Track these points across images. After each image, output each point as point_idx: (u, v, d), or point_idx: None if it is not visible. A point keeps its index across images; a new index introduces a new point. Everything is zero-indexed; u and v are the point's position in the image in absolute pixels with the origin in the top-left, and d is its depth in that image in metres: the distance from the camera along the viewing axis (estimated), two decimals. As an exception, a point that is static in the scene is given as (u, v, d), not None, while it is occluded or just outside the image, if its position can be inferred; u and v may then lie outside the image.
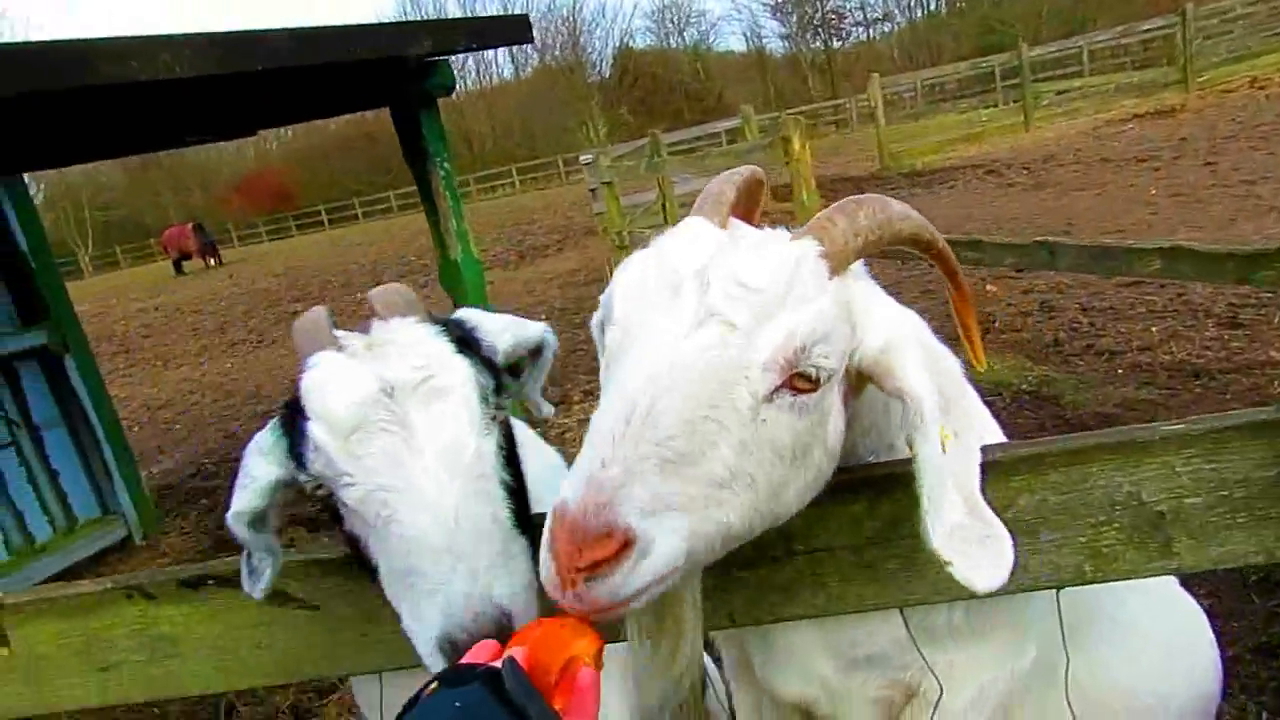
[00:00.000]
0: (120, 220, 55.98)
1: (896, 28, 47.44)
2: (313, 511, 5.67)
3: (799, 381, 0.87)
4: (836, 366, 0.90)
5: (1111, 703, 1.36)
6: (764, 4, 52.87)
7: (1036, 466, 1.02)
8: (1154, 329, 5.63)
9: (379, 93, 3.58)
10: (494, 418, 1.04)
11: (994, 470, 1.03)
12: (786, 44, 51.23)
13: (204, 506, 6.36)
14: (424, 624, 0.92)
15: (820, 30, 48.93)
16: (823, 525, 1.06)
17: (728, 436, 0.84)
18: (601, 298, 0.98)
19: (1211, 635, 1.60)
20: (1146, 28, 19.70)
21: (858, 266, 1.00)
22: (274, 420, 1.12)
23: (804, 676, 1.21)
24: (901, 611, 1.13)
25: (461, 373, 1.04)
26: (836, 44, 49.51)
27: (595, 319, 0.98)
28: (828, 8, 48.72)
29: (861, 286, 0.98)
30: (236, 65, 2.30)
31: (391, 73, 3.44)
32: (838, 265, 0.94)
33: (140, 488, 5.76)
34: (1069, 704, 1.16)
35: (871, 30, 49.50)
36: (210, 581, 1.16)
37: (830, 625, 1.16)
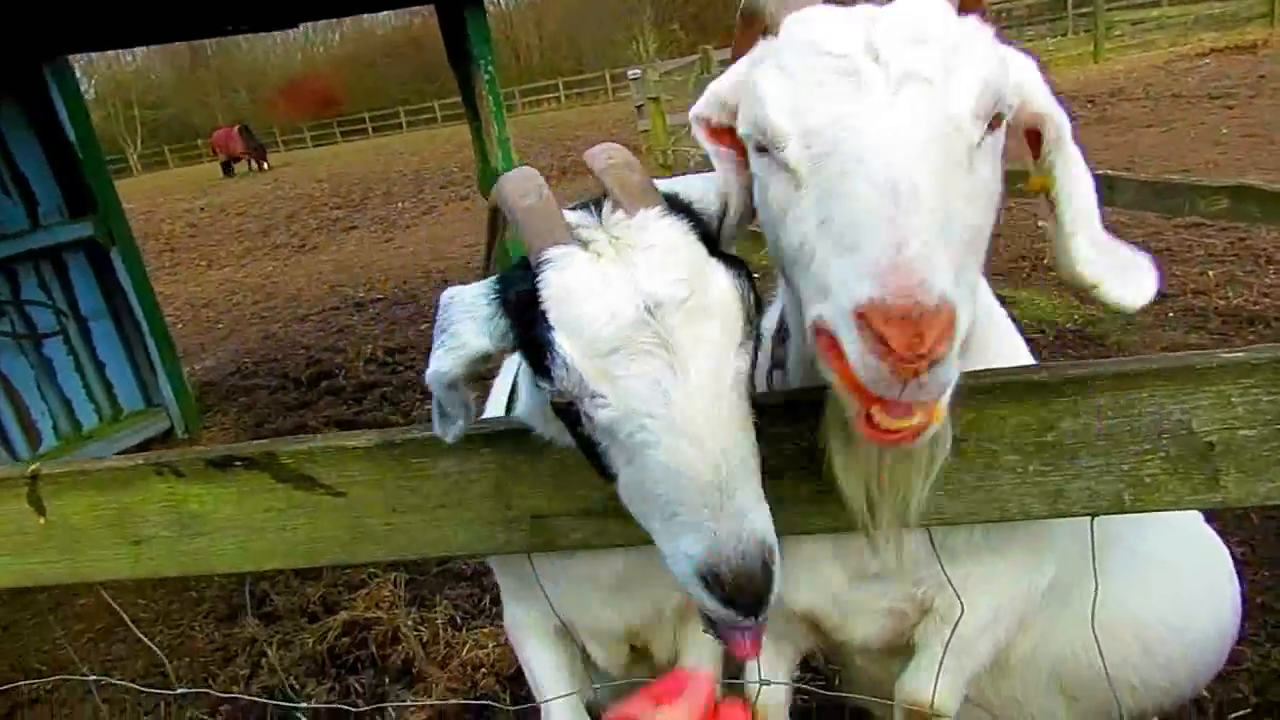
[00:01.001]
0: (168, 120, 56.20)
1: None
2: (350, 414, 5.78)
3: (993, 125, 0.88)
4: (1015, 102, 0.92)
5: (1121, 631, 1.34)
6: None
7: (1083, 389, 0.98)
8: (1211, 273, 5.44)
9: (424, -11, 3.48)
10: (750, 334, 0.94)
11: (1038, 391, 0.99)
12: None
13: (243, 404, 6.50)
14: (684, 552, 0.87)
15: (884, -53, 46.80)
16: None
17: (959, 191, 0.82)
18: (750, 123, 0.93)
19: (1234, 575, 1.56)
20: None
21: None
22: (487, 286, 1.01)
23: (815, 588, 1.20)
24: (929, 530, 1.11)
25: (726, 288, 0.93)
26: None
27: (694, 114, 1.05)
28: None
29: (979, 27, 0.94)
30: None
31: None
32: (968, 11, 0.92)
33: (183, 382, 5.89)
34: (1094, 632, 1.14)
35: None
36: (237, 463, 1.17)
37: (845, 539, 1.15)
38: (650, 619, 1.43)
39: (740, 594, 0.85)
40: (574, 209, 1.02)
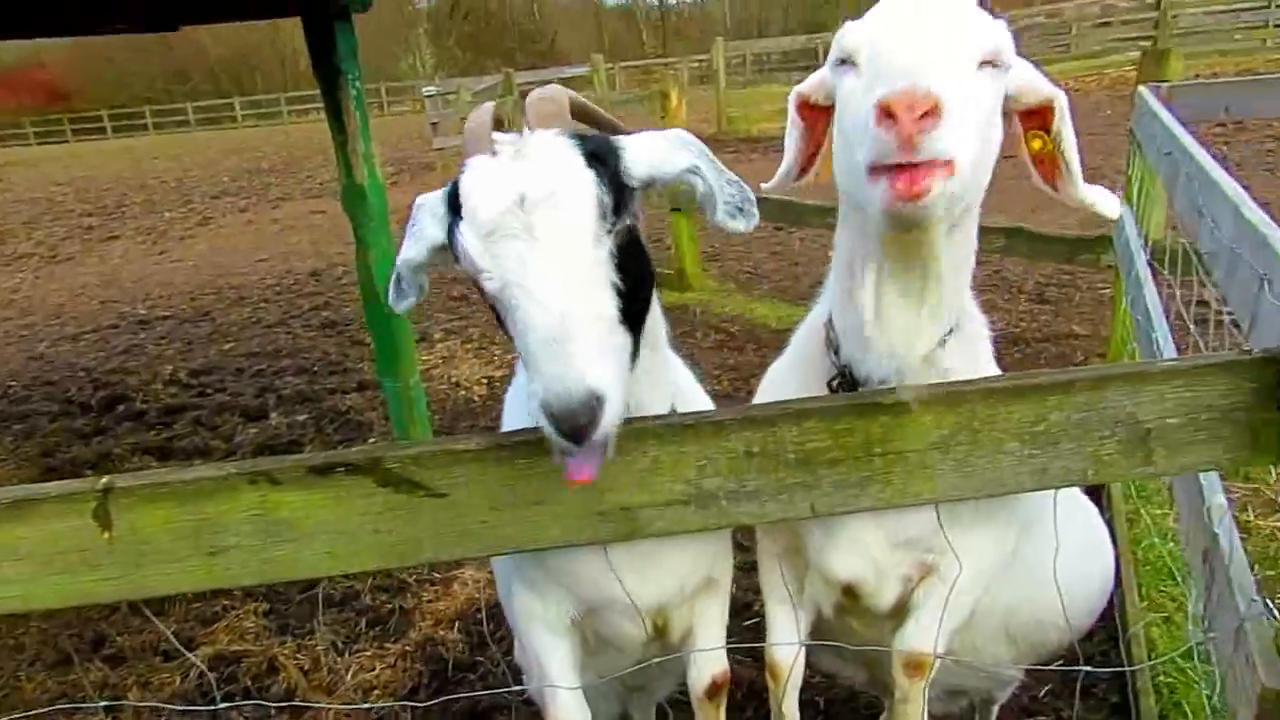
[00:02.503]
0: None
1: (730, -6, 48.44)
2: (161, 440, 5.35)
3: (994, 64, 1.22)
4: (1010, 64, 1.25)
5: (1046, 581, 1.69)
6: (603, -48, 52.35)
7: (1069, 389, 1.28)
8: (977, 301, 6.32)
9: (295, 0, 3.42)
10: (609, 230, 1.19)
11: (1035, 391, 1.28)
12: (623, -4, 51.09)
13: (20, 432, 5.83)
14: (534, 390, 1.11)
15: (657, -14, 49.15)
16: (898, 431, 1.28)
17: (967, 76, 1.17)
18: (840, 46, 1.29)
19: (1109, 539, 1.99)
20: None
21: None
22: (445, 189, 1.26)
23: (860, 556, 1.44)
24: (937, 505, 1.38)
25: (583, 189, 1.18)
26: (672, 1, 49.95)
27: (795, 93, 1.44)
28: (666, -35, 48.95)
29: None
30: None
31: (315, -19, 3.31)
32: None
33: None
34: (1057, 584, 1.46)
35: (706, -7, 50.26)
36: (340, 469, 1.22)
37: (884, 513, 1.39)
38: (674, 593, 1.60)
39: (564, 423, 1.08)
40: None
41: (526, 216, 1.15)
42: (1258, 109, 3.77)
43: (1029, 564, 1.67)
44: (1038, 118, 1.39)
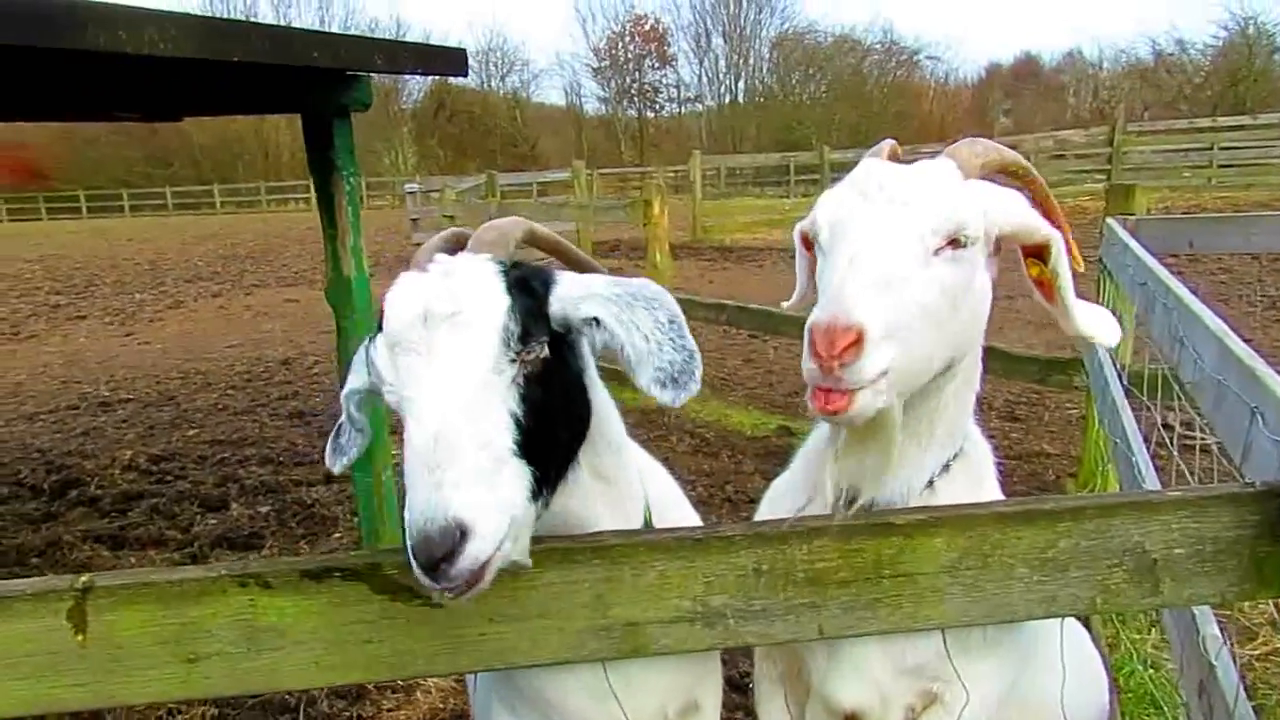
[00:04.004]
0: None
1: (707, 109, 50.44)
2: (114, 528, 5.15)
3: (954, 243, 1.25)
4: (978, 235, 1.28)
5: (1044, 713, 1.65)
6: (586, 65, 54.57)
7: (1078, 516, 1.28)
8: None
9: (298, 99, 3.49)
10: (513, 359, 1.16)
11: (1046, 517, 1.28)
12: (603, 106, 52.99)
13: (-31, 518, 5.58)
14: (406, 517, 1.05)
15: (636, 99, 51.06)
16: (909, 553, 1.26)
17: (913, 274, 1.20)
18: (807, 224, 1.41)
19: (1104, 668, 1.95)
20: (927, 150, 22.34)
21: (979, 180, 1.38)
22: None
23: (864, 684, 1.40)
24: (943, 631, 1.35)
25: (490, 313, 1.16)
26: (650, 114, 51.82)
27: (798, 229, 1.49)
28: (645, 80, 50.99)
29: (988, 186, 1.37)
30: (215, 52, 2.22)
31: (319, 81, 3.38)
32: (968, 175, 1.34)
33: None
34: (1062, 711, 1.42)
35: (683, 107, 52.30)
36: (336, 574, 1.17)
37: (890, 637, 1.36)
38: (655, 717, 1.53)
39: (419, 552, 1.02)
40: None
41: (428, 332, 1.14)
42: (1219, 244, 3.94)
43: (1024, 694, 1.63)
44: (1037, 250, 1.43)
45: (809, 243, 1.48)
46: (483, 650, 1.23)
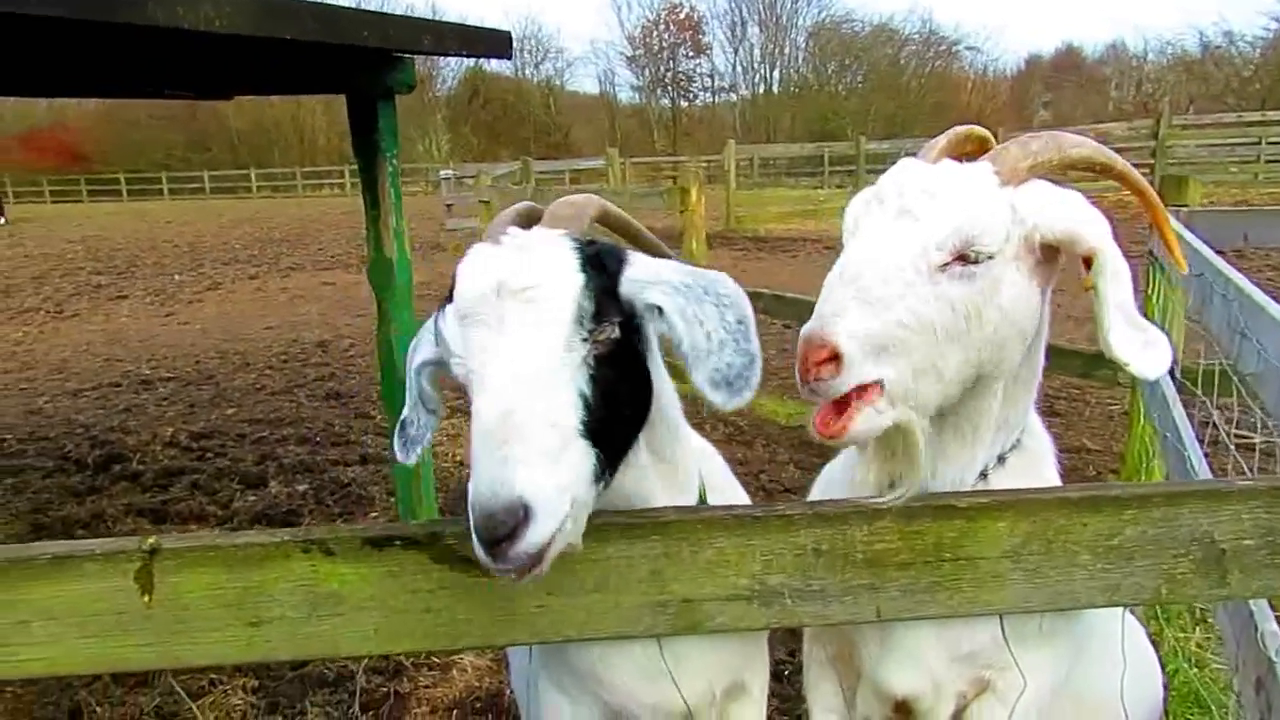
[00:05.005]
0: None
1: (741, 99, 50.13)
2: (156, 502, 5.25)
3: (964, 259, 1.20)
4: (995, 250, 1.21)
5: (1099, 706, 1.62)
6: (621, 53, 54.43)
7: (1145, 504, 1.25)
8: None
9: (344, 79, 3.51)
10: (585, 338, 1.14)
11: (1112, 504, 1.25)
12: (637, 95, 52.86)
13: (11, 487, 5.71)
14: (470, 498, 1.03)
15: (670, 88, 50.87)
16: (971, 537, 1.25)
17: (913, 290, 1.17)
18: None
19: (1157, 660, 1.92)
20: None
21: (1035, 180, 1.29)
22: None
23: (918, 670, 1.38)
24: (1001, 617, 1.33)
25: (565, 290, 1.14)
26: (683, 103, 51.62)
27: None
28: (679, 69, 50.78)
29: (1039, 188, 1.28)
30: (268, 30, 2.24)
31: (366, 62, 3.40)
32: (1010, 179, 1.26)
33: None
34: (1123, 706, 1.40)
35: (717, 97, 52.04)
36: (397, 542, 1.18)
37: (946, 623, 1.34)
38: (703, 698, 1.53)
39: (482, 529, 1.00)
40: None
41: (500, 306, 1.12)
42: (1276, 238, 3.85)
43: (1078, 687, 1.61)
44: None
45: None
46: (538, 624, 1.23)
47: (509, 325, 1.11)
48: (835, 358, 1.11)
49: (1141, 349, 1.28)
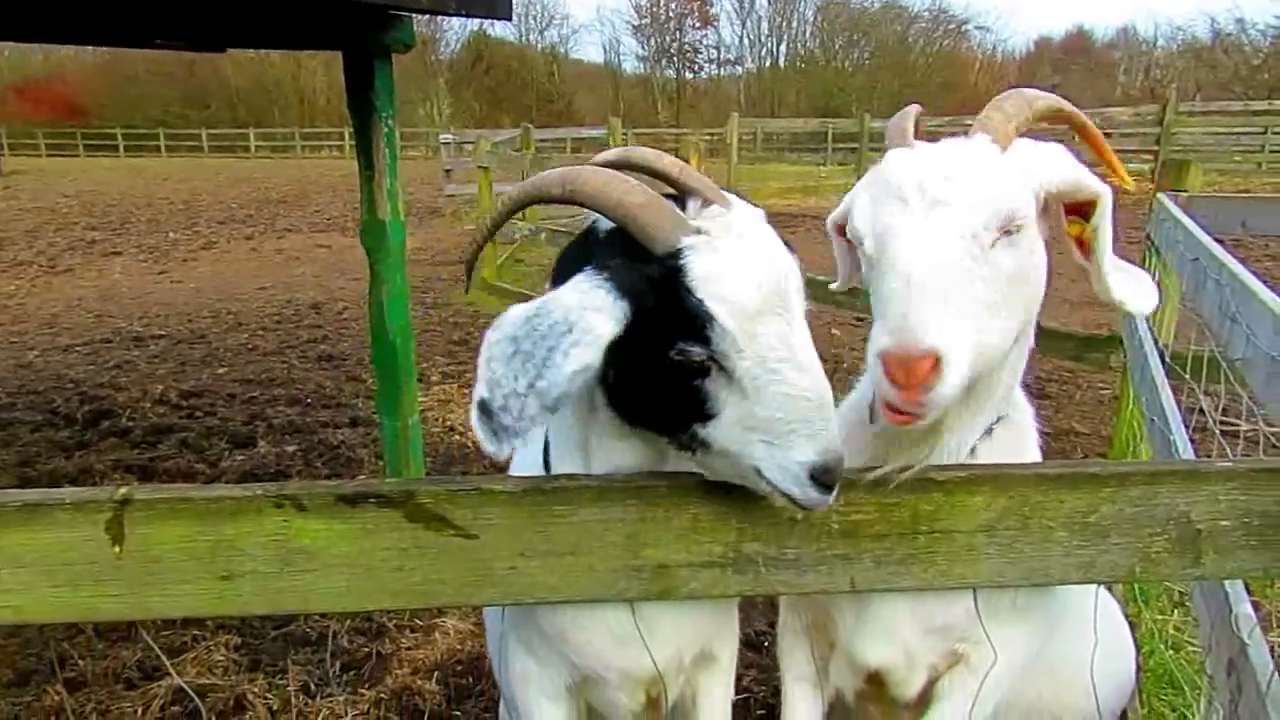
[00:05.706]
0: None
1: (746, 72, 49.69)
2: (145, 459, 5.24)
3: (1007, 231, 1.23)
4: (1029, 212, 1.25)
5: (1072, 681, 1.63)
6: (627, 21, 53.80)
7: (1123, 482, 1.25)
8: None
9: (341, 36, 3.45)
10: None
11: (1090, 482, 1.25)
12: (642, 65, 52.35)
13: None
14: (796, 459, 1.12)
15: (675, 59, 50.38)
16: (947, 510, 1.24)
17: (974, 274, 1.19)
18: (839, 216, 1.44)
19: (1130, 639, 1.93)
20: (969, 121, 21.84)
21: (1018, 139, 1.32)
22: (589, 282, 1.14)
23: (892, 642, 1.39)
24: (974, 591, 1.33)
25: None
26: (688, 75, 51.15)
27: (831, 220, 1.51)
28: (686, 39, 50.28)
29: (1027, 146, 1.32)
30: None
31: (363, 18, 3.35)
32: (1004, 144, 1.29)
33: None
34: (1092, 680, 1.40)
35: (722, 69, 51.57)
36: (370, 499, 1.17)
37: (921, 596, 1.35)
38: (672, 664, 1.54)
39: (834, 481, 1.13)
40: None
41: (785, 296, 1.17)
42: (1275, 226, 3.83)
43: (1052, 662, 1.62)
44: (1080, 207, 1.39)
45: (843, 231, 1.46)
46: (511, 584, 1.22)
47: (795, 312, 1.20)
48: (936, 365, 1.12)
49: (1136, 288, 1.36)
